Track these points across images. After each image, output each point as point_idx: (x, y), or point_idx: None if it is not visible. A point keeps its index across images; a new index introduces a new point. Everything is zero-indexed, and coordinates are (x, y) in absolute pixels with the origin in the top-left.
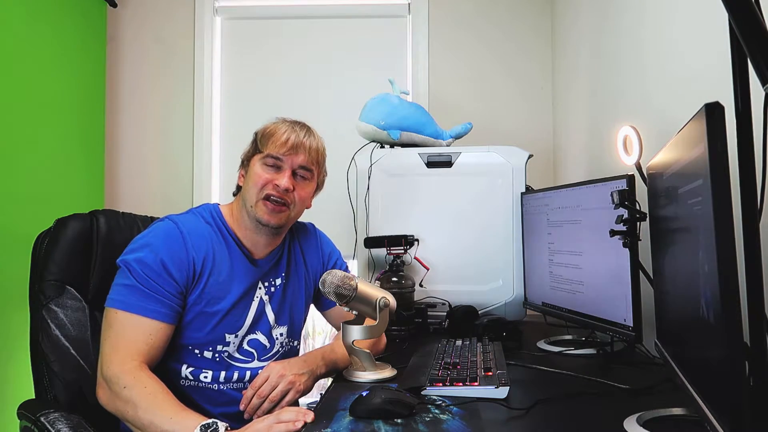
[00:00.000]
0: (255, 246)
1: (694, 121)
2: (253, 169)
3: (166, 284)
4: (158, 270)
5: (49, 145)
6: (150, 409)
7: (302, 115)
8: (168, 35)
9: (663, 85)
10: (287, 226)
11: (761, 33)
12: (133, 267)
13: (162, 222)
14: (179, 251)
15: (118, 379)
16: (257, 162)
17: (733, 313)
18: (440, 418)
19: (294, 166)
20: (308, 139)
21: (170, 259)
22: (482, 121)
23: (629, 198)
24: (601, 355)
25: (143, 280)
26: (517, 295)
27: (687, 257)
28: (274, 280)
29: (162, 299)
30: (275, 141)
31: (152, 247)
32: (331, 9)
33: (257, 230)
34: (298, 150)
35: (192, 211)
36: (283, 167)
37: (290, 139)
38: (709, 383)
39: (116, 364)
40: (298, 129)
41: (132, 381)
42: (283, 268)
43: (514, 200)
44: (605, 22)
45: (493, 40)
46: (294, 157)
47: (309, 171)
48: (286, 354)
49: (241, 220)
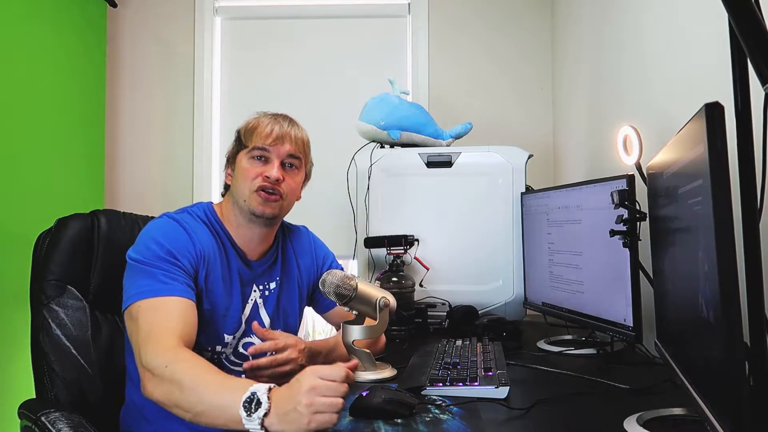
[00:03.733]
0: (249, 244)
1: (694, 121)
2: (241, 164)
3: (176, 267)
4: (167, 257)
5: (49, 145)
6: (194, 383)
7: (302, 115)
8: (168, 35)
9: (663, 85)
10: (280, 217)
11: (761, 33)
12: (142, 258)
13: (161, 219)
14: (185, 242)
15: (158, 360)
16: (244, 157)
17: (733, 313)
18: (440, 418)
19: (282, 155)
20: (292, 129)
21: (177, 249)
22: (482, 121)
23: (629, 198)
24: (601, 355)
25: (155, 266)
26: (517, 295)
27: (687, 257)
28: (269, 283)
29: (179, 277)
30: (260, 134)
31: (157, 240)
32: (331, 9)
33: (250, 225)
34: (284, 140)
35: (186, 210)
36: (271, 158)
37: (274, 130)
38: (709, 383)
39: (153, 348)
40: (281, 120)
41: (173, 357)
42: (278, 273)
43: (514, 200)
44: (605, 22)
45: (493, 40)
46: (280, 147)
47: (297, 159)
48: None
49: (233, 217)
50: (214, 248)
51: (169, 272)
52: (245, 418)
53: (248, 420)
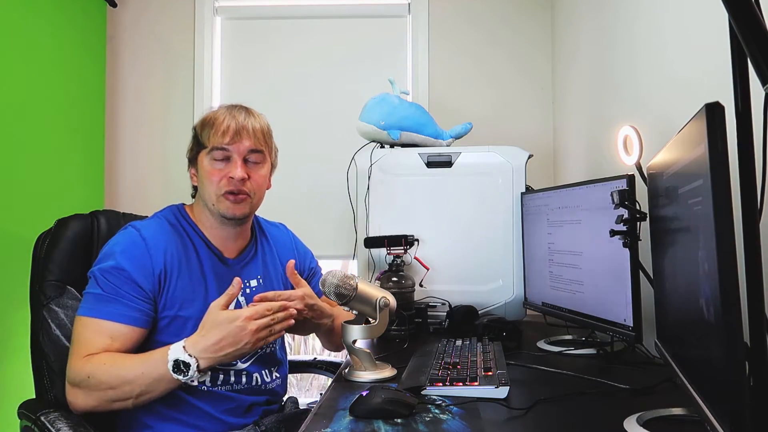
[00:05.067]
0: (224, 243)
1: (694, 121)
2: (203, 166)
3: (130, 290)
4: (121, 277)
5: (49, 145)
6: (120, 378)
7: (302, 115)
8: (168, 35)
9: (663, 85)
10: (252, 214)
11: (761, 33)
12: (98, 276)
13: (125, 230)
14: (142, 258)
15: (79, 373)
16: (205, 158)
17: (733, 313)
18: (440, 418)
19: (243, 152)
20: (248, 121)
21: (132, 267)
22: (482, 121)
23: (629, 198)
24: (601, 355)
25: (107, 288)
26: (517, 295)
27: (687, 257)
28: (249, 281)
29: (128, 303)
30: (216, 131)
31: (114, 257)
32: (331, 9)
33: (222, 225)
34: (242, 135)
35: (156, 215)
36: (233, 157)
37: (231, 125)
38: (709, 383)
39: (74, 364)
40: (236, 113)
41: (90, 367)
42: (258, 270)
43: (514, 200)
44: (605, 22)
45: (493, 40)
46: (239, 144)
47: (259, 153)
48: (267, 353)
49: (205, 219)
50: (184, 250)
51: (117, 296)
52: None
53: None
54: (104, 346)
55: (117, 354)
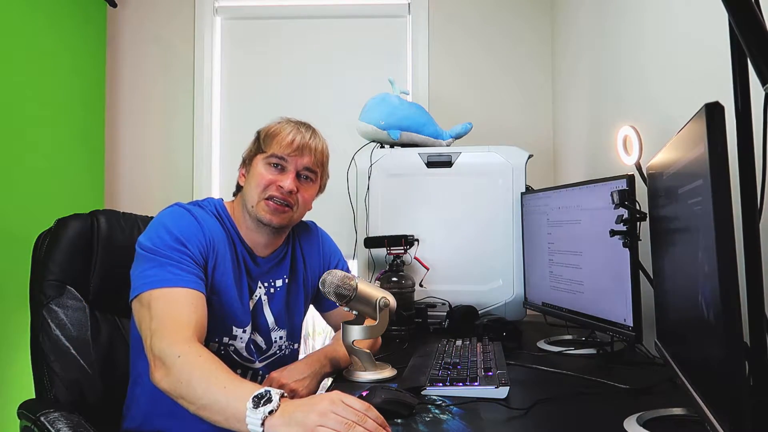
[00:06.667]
0: (256, 245)
1: (694, 121)
2: (257, 168)
3: (186, 257)
4: (176, 245)
5: (49, 145)
6: (205, 377)
7: (302, 115)
8: (168, 35)
9: (663, 85)
10: (289, 226)
11: (761, 33)
12: (153, 246)
13: (172, 207)
14: (195, 230)
15: (171, 349)
16: (260, 162)
17: (733, 313)
18: (440, 418)
19: (299, 167)
20: (313, 141)
21: (186, 236)
22: (482, 121)
23: (629, 198)
24: (601, 355)
25: (166, 255)
26: (517, 295)
27: (687, 257)
28: (275, 281)
29: (189, 268)
30: (280, 141)
31: (167, 227)
32: (331, 9)
33: (258, 230)
34: (303, 151)
35: (198, 203)
36: (288, 168)
37: (296, 140)
38: (709, 383)
39: (167, 336)
40: (303, 130)
41: (186, 349)
42: (286, 271)
43: (514, 200)
44: (605, 22)
45: (493, 40)
46: (299, 159)
47: (313, 173)
48: (286, 357)
49: (242, 218)
50: (224, 239)
51: (180, 262)
52: (249, 410)
53: (252, 413)
54: (193, 318)
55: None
